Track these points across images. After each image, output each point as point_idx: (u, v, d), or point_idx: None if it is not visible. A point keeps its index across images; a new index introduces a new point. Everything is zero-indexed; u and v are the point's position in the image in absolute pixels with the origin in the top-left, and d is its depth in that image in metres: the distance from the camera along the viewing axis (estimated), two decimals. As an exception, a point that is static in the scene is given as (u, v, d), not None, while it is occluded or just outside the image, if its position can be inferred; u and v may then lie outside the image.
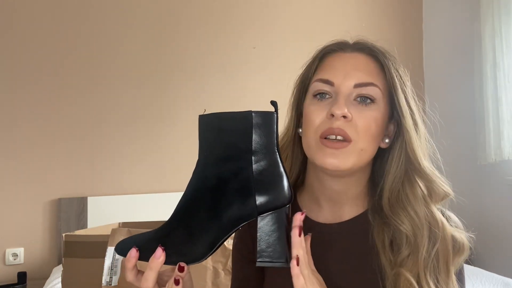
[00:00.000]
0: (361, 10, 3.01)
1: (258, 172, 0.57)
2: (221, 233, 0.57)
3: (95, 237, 1.37)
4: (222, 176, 0.57)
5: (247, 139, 0.57)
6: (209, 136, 0.59)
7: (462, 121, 2.74)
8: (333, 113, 0.68)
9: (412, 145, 0.71)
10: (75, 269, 1.34)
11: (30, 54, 2.32)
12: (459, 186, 0.75)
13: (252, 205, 0.56)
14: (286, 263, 0.56)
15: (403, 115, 0.71)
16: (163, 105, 2.55)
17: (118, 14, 2.50)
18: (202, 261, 0.58)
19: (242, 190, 0.56)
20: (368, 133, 0.69)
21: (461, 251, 0.70)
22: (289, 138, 0.79)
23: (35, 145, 2.31)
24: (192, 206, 0.58)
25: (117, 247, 0.61)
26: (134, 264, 0.59)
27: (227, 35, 2.70)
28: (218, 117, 0.59)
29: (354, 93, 0.70)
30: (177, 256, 0.58)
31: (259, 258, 0.56)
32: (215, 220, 0.57)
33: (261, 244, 0.56)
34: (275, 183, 0.57)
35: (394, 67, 0.73)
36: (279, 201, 0.56)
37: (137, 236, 0.61)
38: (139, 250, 0.59)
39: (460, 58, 2.84)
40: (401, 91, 0.72)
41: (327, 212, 0.77)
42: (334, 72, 0.72)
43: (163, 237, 0.59)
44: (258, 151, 0.57)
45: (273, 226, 0.56)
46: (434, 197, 0.72)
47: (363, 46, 0.75)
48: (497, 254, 2.52)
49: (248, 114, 0.57)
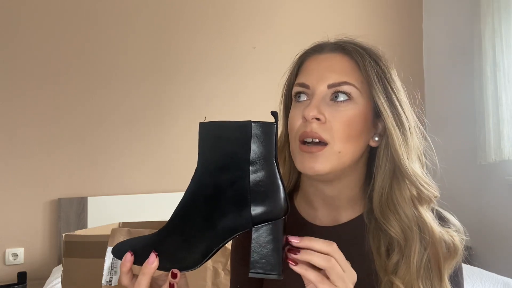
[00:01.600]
0: (361, 10, 3.01)
1: (255, 182, 0.56)
2: (215, 243, 0.57)
3: (95, 237, 1.37)
4: (219, 185, 0.57)
5: (246, 149, 0.56)
6: (208, 144, 0.59)
7: (462, 121, 2.74)
8: (304, 115, 0.68)
9: (394, 143, 0.68)
10: (75, 269, 1.34)
11: (30, 55, 2.32)
12: (459, 186, 0.75)
13: (247, 216, 0.56)
14: (279, 275, 0.55)
15: (381, 112, 0.69)
16: (163, 105, 2.55)
17: (118, 17, 2.50)
18: (195, 269, 0.58)
19: (238, 200, 0.56)
20: (344, 134, 0.67)
21: (453, 253, 0.68)
22: (282, 143, 0.78)
23: (35, 145, 2.31)
24: (188, 214, 0.58)
25: (113, 249, 0.61)
26: (129, 268, 0.59)
27: (227, 35, 2.70)
28: (218, 126, 0.58)
29: (329, 94, 0.69)
30: (171, 262, 0.58)
31: (251, 269, 0.56)
32: (210, 229, 0.57)
33: (254, 255, 0.56)
34: (272, 195, 0.56)
35: (371, 64, 0.70)
36: (275, 213, 0.56)
37: (133, 240, 0.61)
38: (134, 254, 0.58)
39: (460, 58, 2.84)
40: (380, 86, 0.69)
41: (323, 215, 0.76)
42: (310, 75, 0.72)
43: (158, 242, 0.59)
44: (256, 162, 0.56)
45: (267, 238, 0.56)
46: (422, 199, 0.70)
47: (338, 46, 0.74)
48: (497, 254, 2.52)
49: (247, 124, 0.56)
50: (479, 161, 2.52)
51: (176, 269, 0.57)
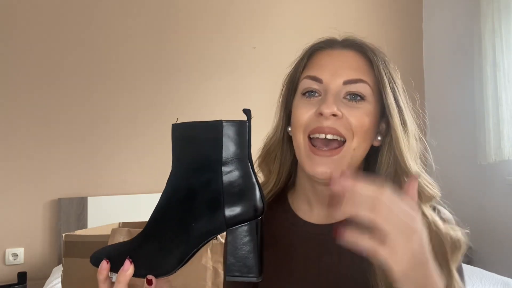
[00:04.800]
0: (361, 10, 3.01)
1: (228, 183, 0.54)
2: (190, 247, 0.55)
3: (95, 237, 1.37)
4: (192, 187, 0.55)
5: (217, 149, 0.55)
6: (181, 146, 0.58)
7: (462, 121, 2.74)
8: (322, 111, 0.67)
9: (399, 144, 0.69)
10: (75, 269, 1.34)
11: (29, 55, 2.32)
12: (459, 186, 0.75)
13: (221, 218, 0.53)
14: (257, 277, 0.53)
15: (390, 113, 0.69)
16: (164, 106, 2.55)
17: (117, 16, 2.50)
18: (171, 274, 0.56)
19: (211, 203, 0.54)
20: (362, 130, 0.68)
21: (458, 246, 0.69)
22: (278, 138, 0.77)
23: (35, 145, 2.31)
24: (163, 218, 0.57)
25: (91, 257, 0.60)
26: (105, 276, 0.58)
27: (227, 35, 2.70)
28: (189, 126, 0.58)
29: (344, 90, 0.69)
30: (146, 269, 0.56)
31: (228, 273, 0.54)
32: (184, 233, 0.55)
33: (230, 258, 0.53)
34: (246, 195, 0.54)
35: (383, 64, 0.71)
36: (250, 213, 0.54)
37: (110, 247, 0.60)
38: (110, 262, 0.57)
39: (460, 58, 2.84)
40: (389, 88, 0.70)
41: (319, 213, 0.75)
42: (323, 69, 0.71)
43: (133, 249, 0.57)
44: (229, 162, 0.55)
45: (243, 239, 0.54)
46: (423, 198, 0.70)
47: (351, 43, 0.74)
48: (497, 254, 2.52)
49: (218, 124, 0.55)
50: (479, 161, 2.52)
51: (151, 276, 0.56)
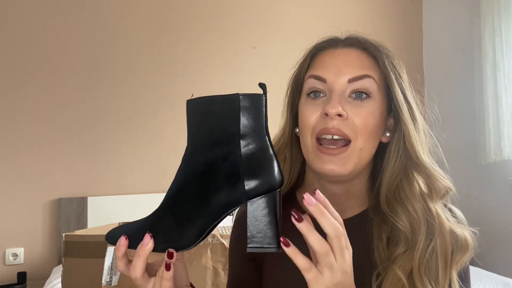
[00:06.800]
0: (362, 10, 3.01)
1: (246, 156, 0.55)
2: (210, 220, 0.55)
3: (95, 237, 1.37)
4: (210, 161, 0.56)
5: (235, 122, 0.55)
6: (197, 121, 0.58)
7: (462, 121, 2.74)
8: (327, 112, 0.66)
9: (410, 138, 0.69)
10: (75, 269, 1.34)
11: (29, 53, 2.32)
12: (459, 186, 0.75)
13: (241, 190, 0.54)
14: (277, 248, 0.54)
15: (399, 107, 0.69)
16: (164, 105, 2.55)
17: (116, 14, 2.50)
18: (192, 248, 0.57)
19: (231, 175, 0.55)
20: (367, 130, 0.68)
21: (464, 248, 0.68)
22: (286, 139, 0.77)
23: (35, 145, 2.31)
24: (181, 193, 0.57)
25: (107, 236, 0.60)
26: (123, 253, 0.58)
27: (227, 35, 2.70)
28: (205, 101, 0.57)
29: (349, 89, 0.69)
30: (166, 243, 0.57)
31: (249, 244, 0.54)
32: (204, 206, 0.55)
33: (251, 229, 0.54)
34: (265, 167, 0.54)
35: (388, 59, 0.71)
36: (269, 185, 0.54)
37: (127, 225, 0.60)
38: (128, 238, 0.58)
39: (460, 58, 2.84)
40: (396, 83, 0.70)
41: None
42: (326, 69, 0.70)
43: (152, 224, 0.58)
44: (247, 135, 0.55)
45: (263, 211, 0.54)
46: (435, 193, 0.70)
47: (354, 41, 0.74)
48: (497, 254, 2.52)
49: (235, 97, 0.55)
50: (479, 161, 2.52)
51: (172, 249, 0.56)
